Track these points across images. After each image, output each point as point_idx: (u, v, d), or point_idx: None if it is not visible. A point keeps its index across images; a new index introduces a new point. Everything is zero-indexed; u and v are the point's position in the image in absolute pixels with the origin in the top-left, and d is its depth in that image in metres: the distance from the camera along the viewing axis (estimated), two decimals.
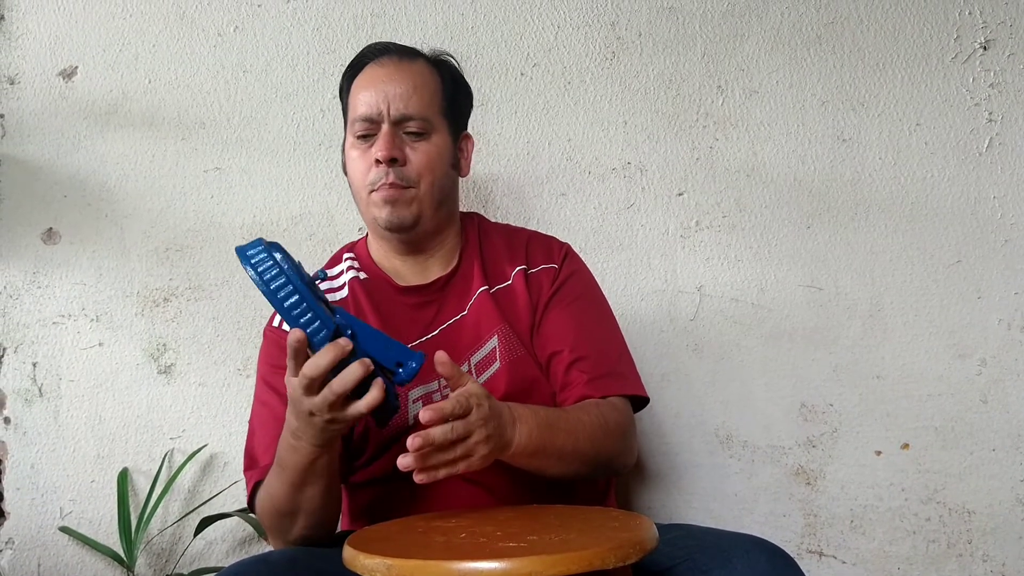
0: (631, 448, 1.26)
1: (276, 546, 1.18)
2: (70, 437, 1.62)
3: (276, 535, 1.17)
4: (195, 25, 1.67)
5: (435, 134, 1.26)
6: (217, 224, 1.66)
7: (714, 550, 1.02)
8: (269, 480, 1.14)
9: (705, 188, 1.70)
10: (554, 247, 1.35)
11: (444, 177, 1.27)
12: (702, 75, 1.71)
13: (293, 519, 1.13)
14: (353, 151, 1.26)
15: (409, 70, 1.26)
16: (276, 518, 1.14)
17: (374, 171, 1.23)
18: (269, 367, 1.26)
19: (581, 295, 1.32)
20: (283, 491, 1.11)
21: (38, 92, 1.65)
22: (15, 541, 1.61)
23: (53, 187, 1.65)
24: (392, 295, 1.29)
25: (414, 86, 1.25)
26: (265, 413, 1.23)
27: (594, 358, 1.25)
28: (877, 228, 1.69)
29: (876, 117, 1.70)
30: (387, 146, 1.22)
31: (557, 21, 1.70)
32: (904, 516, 1.66)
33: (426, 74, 1.27)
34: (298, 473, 1.08)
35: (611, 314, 1.36)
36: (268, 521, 1.16)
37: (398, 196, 1.23)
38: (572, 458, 1.15)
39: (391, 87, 1.23)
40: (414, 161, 1.23)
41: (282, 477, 1.10)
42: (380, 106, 1.23)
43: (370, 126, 1.24)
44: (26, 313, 1.63)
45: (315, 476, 1.08)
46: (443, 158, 1.27)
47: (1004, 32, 1.70)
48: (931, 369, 1.67)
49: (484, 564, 0.82)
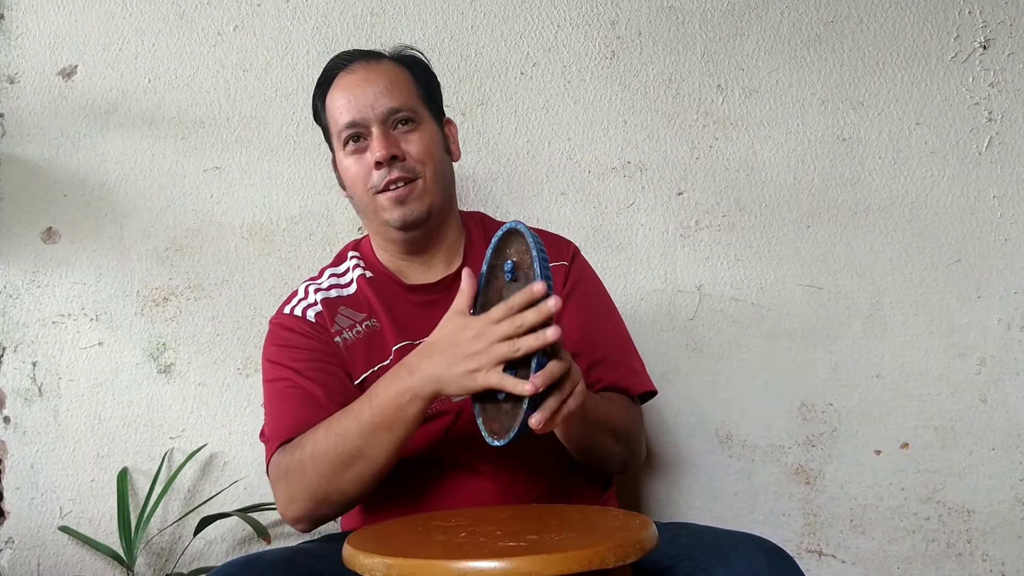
0: (643, 446, 1.34)
1: (291, 508, 1.14)
2: (70, 436, 1.62)
3: (308, 485, 1.12)
4: (195, 24, 1.67)
5: (423, 123, 1.27)
6: (217, 223, 1.66)
7: (713, 548, 1.03)
8: (331, 423, 1.11)
9: (705, 187, 1.70)
10: (562, 245, 1.36)
11: (443, 162, 1.29)
12: (702, 74, 1.71)
13: (347, 467, 1.09)
14: (347, 160, 1.26)
15: (379, 70, 1.27)
16: (326, 461, 1.10)
17: (376, 174, 1.23)
18: (277, 348, 1.26)
19: (594, 295, 1.35)
20: (355, 431, 1.08)
21: (38, 91, 1.65)
22: (15, 540, 1.61)
23: (53, 186, 1.65)
24: (400, 293, 1.29)
25: (390, 82, 1.25)
26: (280, 387, 1.22)
27: (611, 359, 1.29)
28: (877, 227, 1.69)
29: (876, 116, 1.70)
30: (384, 145, 1.22)
31: (557, 20, 1.70)
32: (904, 515, 1.66)
33: (395, 70, 1.28)
34: (387, 416, 1.06)
35: (618, 313, 1.38)
36: (310, 465, 1.11)
37: (408, 193, 1.23)
38: (620, 433, 1.22)
39: (368, 88, 1.24)
40: (412, 152, 1.24)
41: (359, 419, 1.08)
42: (364, 110, 1.23)
43: (358, 131, 1.24)
44: (26, 312, 1.63)
45: (404, 425, 1.07)
46: (437, 144, 1.28)
47: (1004, 31, 1.70)
48: (931, 368, 1.67)
49: (484, 563, 0.82)
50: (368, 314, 1.27)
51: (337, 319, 1.26)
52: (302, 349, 1.24)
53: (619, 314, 1.37)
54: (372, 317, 1.26)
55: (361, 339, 1.25)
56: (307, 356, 1.23)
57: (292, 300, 1.30)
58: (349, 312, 1.27)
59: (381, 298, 1.28)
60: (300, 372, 1.21)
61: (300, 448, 1.13)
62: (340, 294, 1.29)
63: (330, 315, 1.26)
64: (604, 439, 1.20)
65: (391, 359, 1.23)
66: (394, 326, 1.25)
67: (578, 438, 1.16)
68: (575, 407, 1.01)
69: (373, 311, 1.27)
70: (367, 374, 1.23)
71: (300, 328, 1.25)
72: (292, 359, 1.23)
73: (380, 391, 1.09)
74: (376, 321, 1.26)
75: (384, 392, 1.08)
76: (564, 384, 1.00)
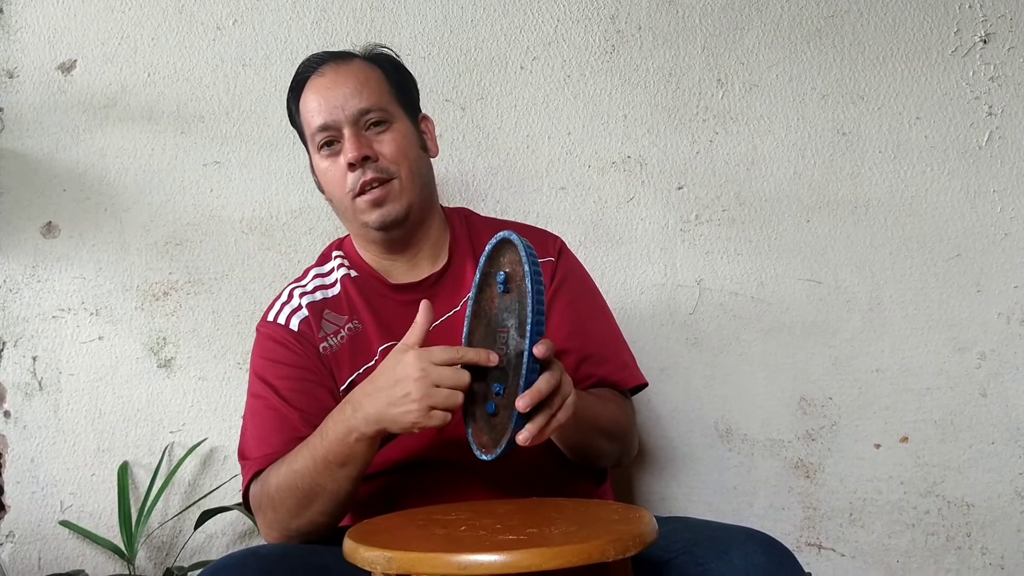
0: (636, 439, 1.33)
1: (271, 536, 1.16)
2: (70, 431, 1.62)
3: (280, 519, 1.13)
4: (194, 18, 1.67)
5: (396, 121, 1.26)
6: (217, 218, 1.66)
7: (711, 543, 1.03)
8: (290, 459, 1.12)
9: (705, 182, 1.69)
10: (548, 240, 1.35)
11: (418, 160, 1.28)
12: (702, 69, 1.70)
13: (311, 501, 1.10)
14: (322, 163, 1.26)
15: (348, 71, 1.26)
16: (291, 498, 1.11)
17: (350, 176, 1.22)
18: (262, 360, 1.25)
19: (582, 291, 1.33)
20: (312, 469, 1.08)
21: (37, 86, 1.64)
22: (16, 534, 1.61)
23: (52, 181, 1.64)
24: (385, 293, 1.28)
25: (360, 82, 1.24)
26: (259, 405, 1.22)
27: (600, 354, 1.28)
28: (877, 222, 1.69)
29: (876, 111, 1.70)
30: (356, 146, 1.21)
31: (557, 14, 1.70)
32: (903, 509, 1.66)
33: (366, 70, 1.27)
34: (338, 453, 1.06)
35: (607, 306, 1.37)
36: (278, 501, 1.12)
37: (384, 194, 1.22)
38: (612, 431, 1.22)
39: (338, 90, 1.23)
40: (386, 152, 1.23)
41: (314, 455, 1.08)
42: (334, 112, 1.23)
43: (331, 134, 1.23)
44: (26, 307, 1.63)
45: (355, 461, 1.07)
46: (411, 142, 1.27)
47: (1004, 26, 1.70)
48: (930, 362, 1.67)
49: (484, 557, 0.82)
50: (350, 316, 1.26)
51: (323, 324, 1.25)
52: (285, 364, 1.23)
53: (608, 308, 1.37)
54: (354, 319, 1.26)
55: (345, 343, 1.24)
56: (288, 373, 1.22)
57: (276, 305, 1.29)
58: (333, 316, 1.26)
59: (365, 298, 1.27)
60: (279, 392, 1.21)
61: (266, 484, 1.14)
62: (325, 296, 1.28)
63: (316, 320, 1.25)
64: (596, 439, 1.20)
65: (376, 360, 1.22)
66: (379, 326, 1.25)
67: (570, 440, 1.17)
68: (565, 420, 1.01)
69: (355, 312, 1.26)
70: (353, 377, 1.23)
71: (284, 339, 1.25)
72: (275, 374, 1.23)
73: (329, 429, 1.09)
74: (359, 323, 1.25)
75: (332, 430, 1.08)
76: (554, 399, 0.99)
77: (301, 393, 1.21)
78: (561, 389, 1.00)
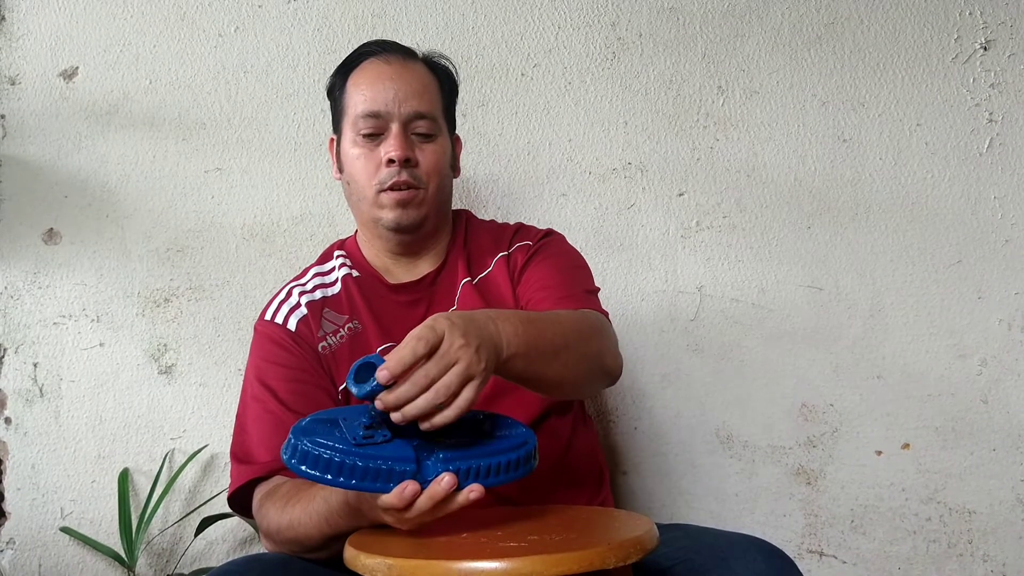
0: (616, 348, 1.18)
1: (271, 548, 1.15)
2: (71, 437, 1.62)
3: (289, 549, 1.10)
4: (196, 26, 1.67)
5: (440, 135, 1.26)
6: (218, 225, 1.66)
7: (712, 551, 1.03)
8: (297, 515, 1.06)
9: (705, 188, 1.70)
10: (537, 231, 1.34)
11: (446, 178, 1.29)
12: (703, 75, 1.71)
13: (316, 549, 1.07)
14: (354, 149, 1.24)
15: (415, 70, 1.25)
16: (295, 545, 1.08)
17: (384, 170, 1.21)
18: (261, 361, 1.24)
19: (556, 253, 1.29)
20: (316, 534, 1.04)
21: (39, 93, 1.65)
22: (16, 541, 1.61)
23: (54, 187, 1.65)
24: (384, 293, 1.28)
25: (423, 85, 1.24)
26: (259, 409, 1.21)
27: (567, 288, 1.21)
28: (877, 228, 1.69)
29: (876, 117, 1.70)
30: (402, 146, 1.21)
31: (558, 21, 1.70)
32: (904, 516, 1.66)
33: (428, 75, 1.27)
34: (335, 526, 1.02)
35: (588, 268, 1.31)
36: (281, 540, 1.09)
37: (410, 198, 1.22)
38: (567, 355, 1.05)
39: (400, 84, 1.22)
40: (423, 163, 1.23)
41: (319, 525, 1.04)
42: (389, 104, 1.21)
43: (377, 124, 1.22)
44: (27, 313, 1.63)
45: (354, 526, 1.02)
46: (446, 159, 1.27)
47: (1004, 32, 1.70)
48: (931, 369, 1.67)
49: (485, 564, 0.82)
50: (350, 315, 1.26)
51: (322, 323, 1.25)
52: (283, 366, 1.22)
53: (588, 268, 1.30)
54: (354, 318, 1.26)
55: (345, 343, 1.24)
56: (286, 375, 1.21)
57: (275, 302, 1.29)
58: (332, 315, 1.26)
59: (366, 299, 1.27)
60: (277, 394, 1.20)
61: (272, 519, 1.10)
62: (325, 294, 1.28)
63: (315, 319, 1.25)
64: (553, 366, 1.04)
65: None
66: (378, 328, 1.25)
67: (523, 379, 1.03)
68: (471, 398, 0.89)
69: (356, 312, 1.26)
70: None
71: (283, 340, 1.24)
72: (273, 376, 1.22)
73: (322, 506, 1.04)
74: (359, 323, 1.25)
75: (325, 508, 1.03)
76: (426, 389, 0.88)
77: (299, 396, 1.20)
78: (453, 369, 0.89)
